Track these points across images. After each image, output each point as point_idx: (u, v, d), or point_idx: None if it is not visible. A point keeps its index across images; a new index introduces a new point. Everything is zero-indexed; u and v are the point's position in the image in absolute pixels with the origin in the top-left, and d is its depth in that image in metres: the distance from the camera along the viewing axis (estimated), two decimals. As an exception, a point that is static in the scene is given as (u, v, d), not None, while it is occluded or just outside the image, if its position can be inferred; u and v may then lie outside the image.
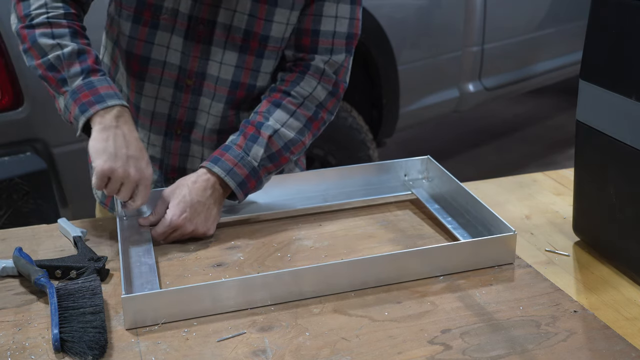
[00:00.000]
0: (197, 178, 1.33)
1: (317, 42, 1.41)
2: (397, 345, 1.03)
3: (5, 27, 2.13)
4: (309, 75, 1.41)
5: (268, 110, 1.39)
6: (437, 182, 1.50)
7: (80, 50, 1.30)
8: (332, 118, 1.46)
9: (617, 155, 1.19)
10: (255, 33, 1.38)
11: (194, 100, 1.43)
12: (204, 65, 1.40)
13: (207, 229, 1.33)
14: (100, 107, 1.26)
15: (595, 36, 1.22)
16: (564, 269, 1.25)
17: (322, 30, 1.40)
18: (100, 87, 1.28)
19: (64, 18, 1.33)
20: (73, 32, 1.32)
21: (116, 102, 1.27)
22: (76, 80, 1.29)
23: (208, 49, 1.39)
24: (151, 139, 1.49)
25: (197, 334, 1.06)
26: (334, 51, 1.41)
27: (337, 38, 1.41)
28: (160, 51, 1.40)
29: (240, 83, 1.42)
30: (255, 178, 1.36)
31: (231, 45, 1.39)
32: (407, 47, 3.19)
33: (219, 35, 1.38)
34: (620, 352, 1.01)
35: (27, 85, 2.19)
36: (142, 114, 1.47)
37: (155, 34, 1.39)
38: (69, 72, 1.29)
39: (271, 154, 1.37)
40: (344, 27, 1.41)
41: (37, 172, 2.20)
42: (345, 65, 1.44)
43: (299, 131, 1.40)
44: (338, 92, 1.44)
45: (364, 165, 1.52)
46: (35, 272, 1.16)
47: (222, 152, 1.36)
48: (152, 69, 1.42)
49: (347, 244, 1.32)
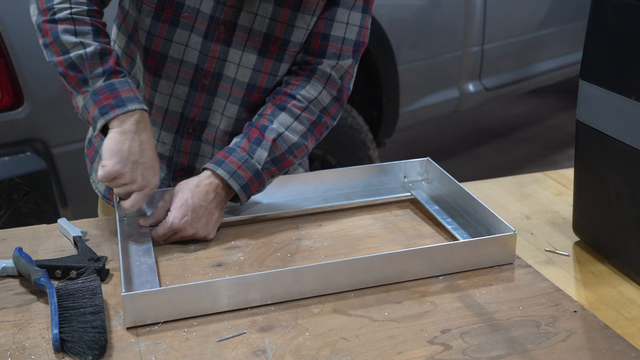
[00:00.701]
0: (199, 181, 1.33)
1: (326, 45, 1.41)
2: (397, 345, 1.03)
3: (6, 27, 2.13)
4: (315, 79, 1.41)
5: (272, 113, 1.39)
6: (436, 184, 1.50)
7: (102, 50, 1.28)
8: (334, 123, 1.46)
9: (617, 155, 1.19)
10: (276, 37, 1.38)
11: (209, 100, 1.43)
12: (221, 66, 1.40)
13: (207, 233, 1.33)
14: (121, 112, 1.25)
15: (595, 36, 1.22)
16: (564, 269, 1.25)
17: (332, 34, 1.40)
18: (121, 89, 1.27)
19: (87, 15, 1.30)
20: (96, 30, 1.30)
21: (137, 107, 1.26)
22: (98, 82, 1.27)
23: (227, 50, 1.39)
24: (162, 137, 1.48)
25: (197, 334, 1.06)
26: (341, 57, 1.42)
27: (346, 44, 1.41)
28: (178, 49, 1.39)
29: (256, 86, 1.42)
30: (259, 181, 1.36)
31: (250, 48, 1.39)
32: (407, 47, 3.19)
33: (239, 37, 1.38)
34: (620, 352, 1.01)
35: (27, 85, 2.19)
36: (155, 110, 1.45)
37: (175, 31, 1.38)
38: (92, 72, 1.27)
39: (275, 158, 1.37)
40: (353, 34, 1.41)
41: (37, 172, 2.20)
42: (350, 72, 1.44)
43: (302, 135, 1.40)
44: (342, 97, 1.44)
45: (363, 166, 1.52)
46: (35, 272, 1.16)
47: (225, 155, 1.36)
48: (168, 66, 1.41)
49: (347, 244, 1.32)
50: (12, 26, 2.14)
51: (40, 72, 2.21)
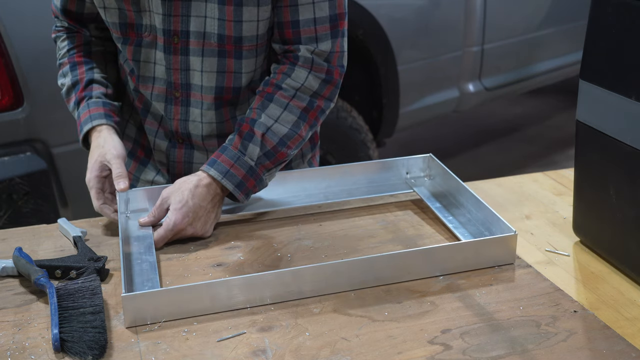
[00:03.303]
0: (198, 182, 1.33)
1: (298, 32, 1.38)
2: (397, 345, 1.03)
3: (6, 27, 2.13)
4: (299, 66, 1.39)
5: (261, 105, 1.38)
6: (438, 180, 1.50)
7: (73, 84, 1.48)
8: (332, 105, 1.44)
9: (617, 155, 1.19)
10: (228, 36, 1.36)
11: (184, 112, 1.45)
12: (186, 76, 1.41)
13: (205, 232, 1.34)
14: (81, 136, 1.43)
15: (595, 36, 1.22)
16: (564, 269, 1.25)
17: (301, 20, 1.37)
18: (82, 114, 1.44)
19: (67, 55, 1.51)
20: (72, 65, 1.50)
21: (88, 127, 1.42)
22: (75, 113, 1.48)
23: (187, 59, 1.40)
24: (156, 145, 1.52)
25: (197, 334, 1.06)
26: (318, 39, 1.38)
27: (320, 24, 1.37)
28: (147, 68, 1.44)
29: (224, 88, 1.42)
30: (254, 177, 1.36)
31: (208, 52, 1.38)
32: (407, 47, 3.19)
33: (195, 44, 1.38)
34: (620, 352, 1.01)
35: (27, 85, 2.19)
36: (150, 119, 1.52)
37: (140, 51, 1.42)
38: (70, 107, 1.50)
39: (267, 152, 1.37)
40: (324, 10, 1.37)
41: (37, 172, 2.20)
42: (338, 50, 1.40)
43: (294, 124, 1.38)
44: (333, 78, 1.41)
45: (365, 163, 1.52)
46: (35, 272, 1.16)
47: (218, 154, 1.36)
48: (142, 86, 1.46)
49: (347, 244, 1.32)
50: (12, 26, 2.14)
51: (40, 72, 2.21)
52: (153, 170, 1.56)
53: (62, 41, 1.53)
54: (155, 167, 1.55)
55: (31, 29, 2.19)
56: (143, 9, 1.38)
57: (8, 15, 2.15)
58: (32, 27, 2.19)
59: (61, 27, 1.54)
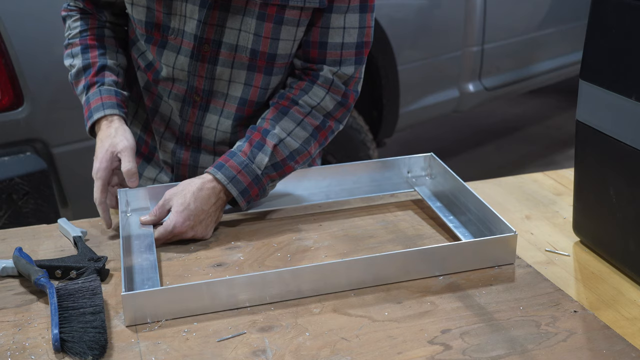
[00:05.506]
0: (202, 185, 1.33)
1: (325, 54, 1.39)
2: (397, 345, 1.03)
3: (6, 27, 2.13)
4: (317, 85, 1.39)
5: (275, 117, 1.38)
6: (439, 180, 1.50)
7: (85, 66, 1.45)
8: (341, 127, 1.45)
9: (617, 155, 1.19)
10: (262, 52, 1.37)
11: (201, 116, 1.45)
12: (210, 84, 1.41)
13: (205, 234, 1.34)
14: (90, 122, 1.41)
15: (595, 36, 1.22)
16: (564, 269, 1.25)
17: (329, 42, 1.38)
18: (92, 101, 1.42)
19: (79, 36, 1.48)
20: (84, 47, 1.47)
21: (100, 115, 1.40)
22: (83, 97, 1.45)
23: (214, 68, 1.39)
24: (162, 145, 1.52)
25: (197, 334, 1.06)
26: (342, 62, 1.39)
27: (346, 49, 1.39)
28: (168, 69, 1.42)
29: (248, 100, 1.42)
30: (258, 186, 1.36)
31: (238, 64, 1.38)
32: (407, 47, 3.19)
33: (225, 55, 1.38)
34: (620, 352, 1.01)
35: (27, 85, 2.19)
36: (158, 119, 1.51)
37: (163, 52, 1.41)
38: (78, 89, 1.47)
39: (275, 163, 1.37)
40: (353, 37, 1.38)
41: (37, 172, 2.20)
42: (357, 76, 1.42)
43: (305, 141, 1.39)
44: (348, 102, 1.42)
45: (366, 162, 1.52)
46: (35, 272, 1.16)
47: (226, 158, 1.36)
48: (162, 82, 1.45)
49: (347, 244, 1.32)
50: (12, 26, 2.14)
51: (40, 72, 2.21)
52: (156, 168, 1.56)
53: (74, 21, 1.51)
54: (158, 164, 1.55)
55: (31, 29, 2.19)
56: (174, 12, 1.37)
57: (8, 15, 2.15)
58: (32, 27, 2.19)
59: (74, 6, 1.52)
